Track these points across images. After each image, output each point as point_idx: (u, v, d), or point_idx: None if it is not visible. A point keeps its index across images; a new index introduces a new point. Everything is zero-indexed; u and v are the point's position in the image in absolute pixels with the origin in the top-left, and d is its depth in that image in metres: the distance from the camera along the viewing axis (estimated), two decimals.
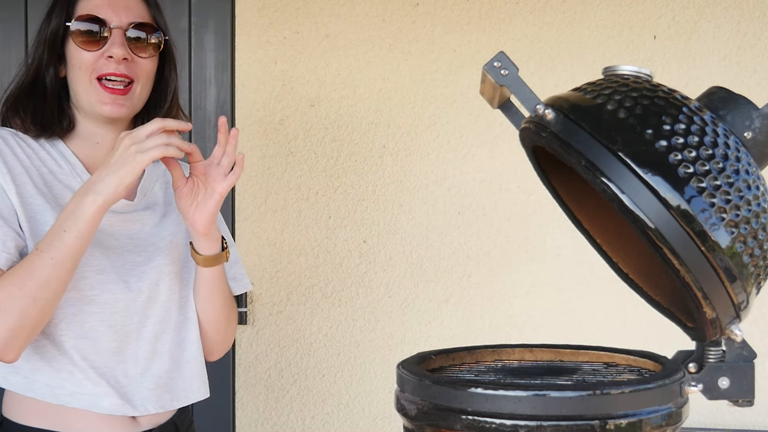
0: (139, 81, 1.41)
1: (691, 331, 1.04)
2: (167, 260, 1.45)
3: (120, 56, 1.37)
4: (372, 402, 2.36)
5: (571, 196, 1.15)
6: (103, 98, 1.38)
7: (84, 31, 1.38)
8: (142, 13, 1.43)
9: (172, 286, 1.46)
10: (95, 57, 1.38)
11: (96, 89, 1.38)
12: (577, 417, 0.87)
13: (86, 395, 1.35)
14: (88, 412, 1.36)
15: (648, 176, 0.87)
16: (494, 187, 2.31)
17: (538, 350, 1.18)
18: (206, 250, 1.42)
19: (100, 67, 1.38)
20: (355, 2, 2.33)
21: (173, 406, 1.46)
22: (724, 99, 0.98)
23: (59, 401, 1.35)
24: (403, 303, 2.34)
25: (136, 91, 1.41)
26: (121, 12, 1.40)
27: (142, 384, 1.41)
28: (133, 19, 1.41)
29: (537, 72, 2.28)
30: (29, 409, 1.38)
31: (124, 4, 1.41)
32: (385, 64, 2.33)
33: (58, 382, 1.35)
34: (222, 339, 1.55)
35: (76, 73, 1.40)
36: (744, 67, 2.27)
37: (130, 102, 1.41)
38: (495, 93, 1.05)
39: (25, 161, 1.38)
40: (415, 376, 0.96)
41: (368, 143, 2.34)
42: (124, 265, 1.41)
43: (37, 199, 1.35)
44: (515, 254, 2.31)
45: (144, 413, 1.41)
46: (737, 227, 0.89)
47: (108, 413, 1.37)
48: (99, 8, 1.39)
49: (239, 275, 1.60)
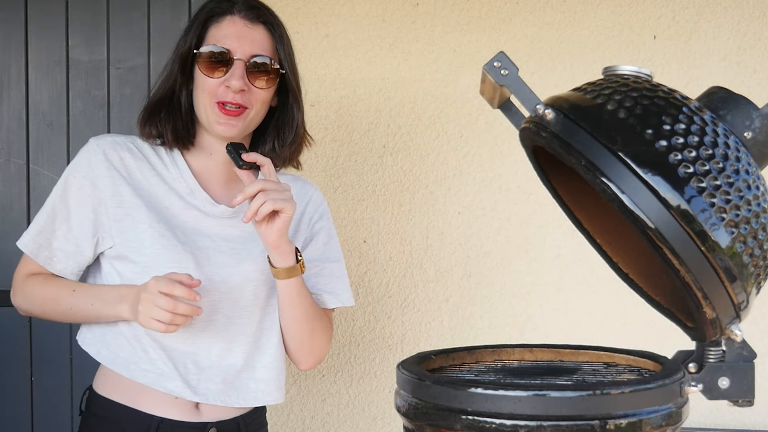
0: (253, 107, 1.53)
1: (691, 331, 1.04)
2: (256, 267, 1.56)
3: (237, 88, 1.49)
4: (372, 402, 2.36)
5: (571, 196, 1.15)
6: (219, 119, 1.51)
7: (209, 58, 1.52)
8: (265, 45, 1.54)
9: (258, 292, 1.57)
10: (217, 84, 1.51)
11: (214, 110, 1.52)
12: (577, 417, 0.87)
13: (154, 374, 1.51)
14: (155, 390, 1.51)
15: (648, 176, 0.87)
16: (494, 187, 2.31)
17: (538, 350, 1.18)
18: (279, 262, 1.50)
19: (219, 94, 1.51)
20: (355, 2, 2.33)
21: (238, 403, 1.56)
22: (724, 99, 0.98)
23: (132, 376, 1.51)
24: (403, 303, 2.34)
25: (249, 115, 1.54)
26: (246, 44, 1.52)
27: (209, 376, 1.53)
28: (256, 52, 1.52)
29: (537, 72, 2.28)
30: (109, 382, 1.55)
31: (250, 37, 1.53)
32: (385, 64, 2.33)
33: (135, 359, 1.52)
34: (308, 350, 1.62)
35: (199, 93, 1.53)
36: (744, 67, 2.27)
37: (242, 123, 1.53)
38: (495, 93, 1.05)
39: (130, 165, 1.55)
40: (415, 376, 0.96)
41: (368, 143, 2.34)
42: (211, 264, 1.53)
43: (135, 200, 1.52)
44: (515, 254, 2.31)
45: (204, 402, 1.53)
46: (737, 227, 0.89)
47: (172, 394, 1.51)
48: (226, 39, 1.52)
49: (338, 290, 1.66)
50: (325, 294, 1.64)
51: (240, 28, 1.53)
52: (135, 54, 2.41)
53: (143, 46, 2.41)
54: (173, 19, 2.41)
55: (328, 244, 1.68)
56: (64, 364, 2.42)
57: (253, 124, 1.57)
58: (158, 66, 2.41)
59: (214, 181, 1.60)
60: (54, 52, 2.41)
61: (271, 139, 1.62)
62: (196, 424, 1.54)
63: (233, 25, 1.53)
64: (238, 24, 1.53)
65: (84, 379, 2.42)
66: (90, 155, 1.55)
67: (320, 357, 1.66)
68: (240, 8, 1.54)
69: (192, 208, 1.56)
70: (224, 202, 1.59)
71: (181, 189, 1.57)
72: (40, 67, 2.42)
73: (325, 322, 1.63)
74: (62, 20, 2.41)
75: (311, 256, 1.64)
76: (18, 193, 2.42)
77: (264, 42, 1.54)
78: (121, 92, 2.41)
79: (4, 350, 2.43)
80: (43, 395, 2.43)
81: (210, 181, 1.60)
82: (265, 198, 1.42)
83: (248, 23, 1.53)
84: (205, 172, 1.60)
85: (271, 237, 1.46)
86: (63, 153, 2.42)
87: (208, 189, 1.59)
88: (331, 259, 1.66)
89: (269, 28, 1.56)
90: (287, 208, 1.44)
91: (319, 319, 1.61)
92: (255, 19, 1.54)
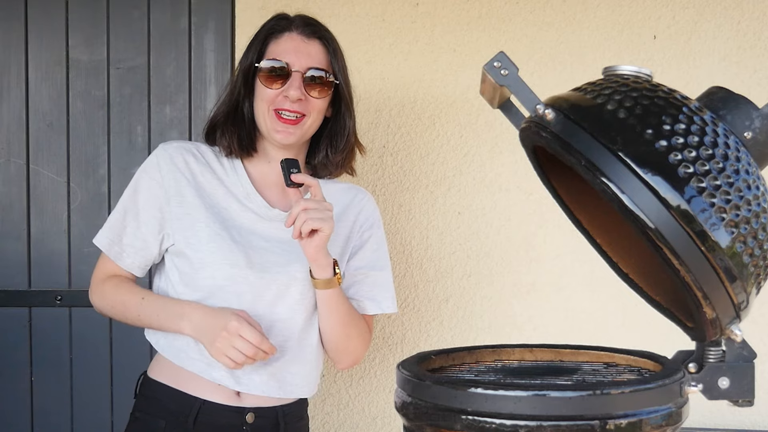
0: (309, 116, 1.66)
1: (691, 331, 1.04)
2: (304, 268, 1.65)
3: (295, 98, 1.62)
4: (372, 402, 2.36)
5: (571, 196, 1.15)
6: (277, 127, 1.64)
7: (269, 71, 1.64)
8: (321, 59, 1.67)
9: (305, 292, 1.67)
10: (275, 94, 1.64)
11: (272, 118, 1.65)
12: (577, 417, 0.87)
13: (202, 362, 1.62)
14: (200, 377, 1.63)
15: (648, 176, 0.87)
16: (494, 187, 2.31)
17: (538, 350, 1.18)
18: (318, 274, 1.62)
19: (278, 103, 1.64)
20: (355, 2, 2.33)
21: (279, 395, 1.68)
22: (724, 99, 0.98)
23: (181, 363, 1.65)
24: (403, 303, 2.34)
25: (306, 123, 1.66)
26: (303, 58, 1.65)
27: (254, 367, 1.62)
28: (312, 64, 1.65)
29: (537, 72, 2.28)
30: (162, 367, 1.69)
31: (307, 51, 1.66)
32: (385, 64, 2.33)
33: (186, 348, 1.64)
34: (343, 353, 1.74)
35: (259, 104, 1.66)
36: (744, 67, 2.27)
37: (299, 131, 1.65)
38: (495, 93, 1.05)
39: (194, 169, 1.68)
40: (415, 376, 0.96)
41: (368, 143, 2.34)
42: (263, 263, 1.64)
43: (195, 200, 1.65)
44: (515, 254, 2.31)
45: (246, 392, 1.64)
46: (737, 227, 0.89)
47: (216, 382, 1.63)
48: (285, 53, 1.65)
49: (381, 297, 1.77)
50: (366, 300, 1.75)
51: (297, 43, 1.66)
52: (135, 54, 2.41)
53: (143, 46, 2.41)
54: (173, 19, 2.41)
55: (376, 252, 1.78)
56: (64, 364, 2.42)
57: (310, 132, 1.69)
58: (158, 66, 2.41)
59: (270, 185, 1.72)
60: (54, 52, 2.41)
61: (324, 147, 1.74)
62: (236, 408, 1.65)
63: (291, 41, 1.66)
64: (296, 39, 1.66)
65: (84, 379, 2.42)
66: (158, 158, 1.68)
67: (357, 359, 1.78)
68: (297, 25, 1.68)
69: (248, 210, 1.68)
70: (279, 207, 1.71)
71: (239, 193, 1.69)
72: (40, 67, 2.42)
73: (362, 327, 1.74)
74: (62, 20, 2.41)
75: (359, 264, 1.75)
76: (18, 193, 2.42)
77: (319, 55, 1.67)
78: (121, 92, 2.41)
79: (4, 350, 2.43)
80: (43, 395, 2.43)
81: (266, 187, 1.72)
82: (306, 217, 1.53)
83: (305, 38, 1.67)
84: (262, 178, 1.72)
85: (310, 251, 1.58)
86: (63, 153, 2.42)
87: (264, 194, 1.72)
88: (377, 268, 1.77)
89: (324, 42, 1.68)
90: (325, 227, 1.54)
91: (355, 326, 1.72)
92: (311, 35, 1.67)
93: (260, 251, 1.65)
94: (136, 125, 2.42)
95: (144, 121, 2.41)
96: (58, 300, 2.41)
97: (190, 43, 2.41)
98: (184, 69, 2.41)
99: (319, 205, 1.55)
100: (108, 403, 2.42)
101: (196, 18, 2.41)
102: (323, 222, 1.54)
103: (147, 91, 2.41)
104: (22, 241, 2.42)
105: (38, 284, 2.42)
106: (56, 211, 2.42)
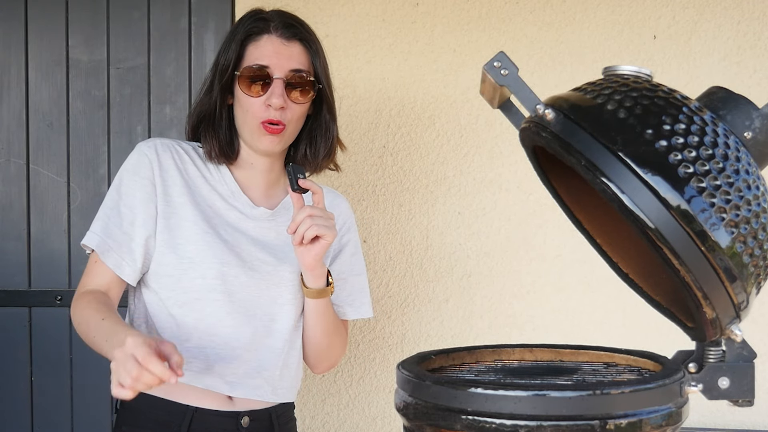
0: (291, 123, 1.61)
1: (691, 331, 1.04)
2: (293, 270, 1.63)
3: (278, 106, 1.56)
4: (372, 402, 2.36)
5: (571, 196, 1.15)
6: (263, 138, 1.59)
7: (249, 78, 1.58)
8: (302, 60, 1.61)
9: (295, 293, 1.64)
10: (259, 104, 1.58)
11: (258, 128, 1.59)
12: (577, 417, 0.87)
13: (191, 371, 1.56)
14: (191, 385, 1.57)
15: (648, 176, 0.87)
16: (494, 187, 2.31)
17: (538, 350, 1.18)
18: (312, 283, 1.61)
19: (262, 114, 1.58)
20: (355, 2, 2.33)
21: (271, 399, 1.65)
22: (724, 99, 0.98)
23: None
24: (403, 303, 2.34)
25: (288, 131, 1.61)
26: (284, 60, 1.59)
27: (245, 370, 1.60)
28: (294, 66, 1.59)
29: (537, 72, 2.28)
30: None
31: (288, 53, 1.59)
32: (385, 64, 2.33)
33: None
34: (324, 359, 1.74)
35: (242, 114, 1.61)
36: (744, 67, 2.27)
37: (282, 139, 1.61)
38: (495, 93, 1.05)
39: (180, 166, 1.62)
40: (415, 376, 0.96)
41: (368, 143, 2.34)
42: (252, 261, 1.61)
43: (181, 198, 1.60)
44: (515, 254, 2.31)
45: (239, 396, 1.61)
46: (737, 227, 0.89)
47: (209, 389, 1.58)
48: (264, 57, 1.58)
49: (358, 303, 1.76)
50: (345, 306, 1.74)
51: (277, 46, 1.59)
52: (135, 54, 2.41)
53: (143, 46, 2.41)
54: (173, 19, 2.41)
55: (354, 256, 1.77)
56: (64, 364, 2.42)
57: (292, 137, 1.65)
58: (158, 66, 2.41)
59: (253, 187, 1.68)
60: (54, 52, 2.41)
61: (304, 146, 1.69)
62: (230, 413, 1.61)
63: (270, 44, 1.59)
64: (275, 42, 1.60)
65: (84, 379, 2.42)
66: (141, 156, 1.61)
67: (334, 364, 1.78)
68: (276, 26, 1.61)
69: (233, 209, 1.65)
70: (263, 206, 1.68)
71: (224, 191, 1.65)
72: (40, 67, 2.42)
73: (342, 335, 1.74)
74: (62, 20, 2.41)
75: (338, 269, 1.74)
76: (18, 193, 2.42)
77: (300, 57, 1.61)
78: (121, 92, 2.41)
79: (4, 350, 2.43)
80: (43, 395, 2.43)
81: (250, 187, 1.68)
82: (311, 223, 1.50)
83: (285, 41, 1.60)
84: (245, 179, 1.68)
85: (308, 260, 1.55)
86: (63, 153, 2.42)
87: (248, 193, 1.68)
88: (355, 272, 1.76)
89: (305, 44, 1.63)
90: (328, 235, 1.52)
91: (338, 335, 1.72)
92: (291, 37, 1.61)
93: (249, 250, 1.62)
94: (136, 125, 2.42)
95: (144, 121, 2.41)
96: (58, 300, 2.41)
97: (190, 43, 2.41)
98: (184, 69, 2.41)
99: (324, 213, 1.54)
100: (108, 403, 2.42)
101: (196, 18, 2.41)
102: (327, 230, 1.52)
103: (147, 91, 2.41)
104: (22, 241, 2.42)
105: (38, 284, 2.42)
106: (56, 211, 2.42)
